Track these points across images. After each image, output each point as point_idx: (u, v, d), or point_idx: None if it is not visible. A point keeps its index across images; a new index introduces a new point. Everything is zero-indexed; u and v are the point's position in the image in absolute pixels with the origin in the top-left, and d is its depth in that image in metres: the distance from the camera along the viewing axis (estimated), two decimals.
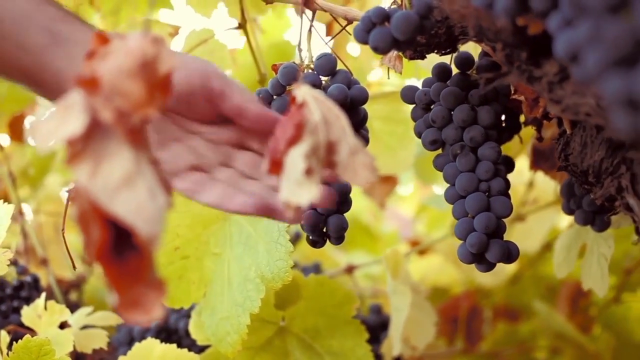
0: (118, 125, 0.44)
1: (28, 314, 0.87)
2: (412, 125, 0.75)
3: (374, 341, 1.06)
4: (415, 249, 1.50)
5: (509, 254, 0.67)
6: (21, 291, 0.98)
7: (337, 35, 0.83)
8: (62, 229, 0.82)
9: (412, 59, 0.69)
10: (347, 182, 0.67)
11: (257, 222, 0.78)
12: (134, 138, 0.44)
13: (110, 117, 0.43)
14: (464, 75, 0.72)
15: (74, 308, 0.99)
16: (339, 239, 0.70)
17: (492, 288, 1.46)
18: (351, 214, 0.92)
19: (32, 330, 0.85)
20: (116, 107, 0.44)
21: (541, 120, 0.72)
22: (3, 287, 0.97)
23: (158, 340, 0.82)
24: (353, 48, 1.19)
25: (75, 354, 0.90)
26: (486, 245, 0.66)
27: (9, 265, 0.84)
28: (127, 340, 1.02)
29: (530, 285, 1.47)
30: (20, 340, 0.76)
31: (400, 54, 0.71)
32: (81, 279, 1.29)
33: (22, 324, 0.87)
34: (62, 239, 0.84)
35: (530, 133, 0.82)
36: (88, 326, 0.90)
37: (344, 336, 0.86)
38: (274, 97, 0.71)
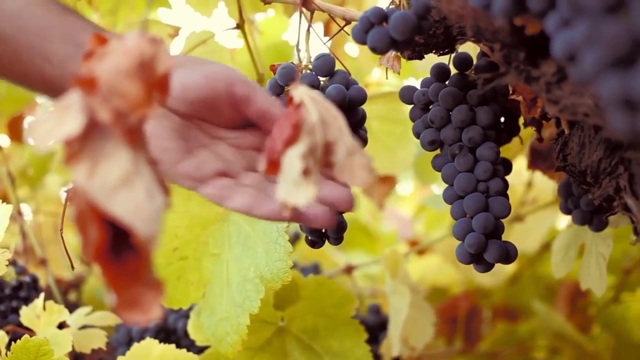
0: (116, 125, 0.44)
1: (27, 314, 0.87)
2: (411, 125, 0.75)
3: (373, 341, 1.05)
4: (414, 249, 1.50)
5: (507, 254, 0.67)
6: (20, 291, 0.98)
7: (335, 35, 0.83)
8: (61, 229, 0.82)
9: (410, 59, 0.69)
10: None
11: (255, 223, 0.78)
12: (132, 138, 0.44)
13: (108, 117, 0.43)
14: (462, 76, 0.72)
15: (72, 308, 0.99)
16: (338, 240, 0.70)
17: (491, 288, 1.46)
18: (350, 214, 0.92)
19: (31, 331, 0.85)
20: (114, 107, 0.44)
21: (540, 120, 0.72)
22: (2, 287, 0.97)
23: (157, 341, 0.82)
24: (351, 48, 1.19)
25: (74, 354, 0.90)
26: (484, 246, 0.66)
27: (8, 266, 0.84)
28: (126, 341, 1.02)
29: (529, 285, 1.47)
30: (18, 341, 0.76)
31: (398, 54, 0.71)
32: (80, 279, 1.30)
33: (20, 324, 0.87)
34: (61, 239, 0.84)
35: (529, 133, 0.82)
36: (87, 326, 0.90)
37: (343, 336, 0.86)
38: None
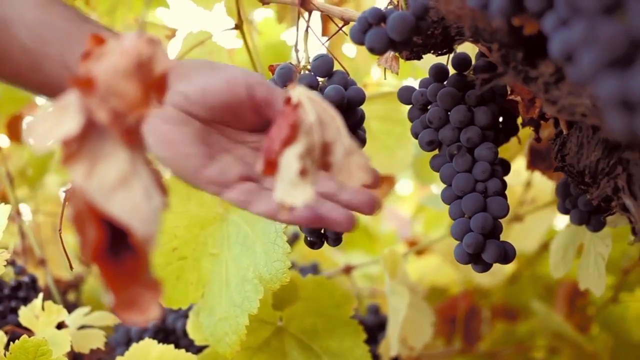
0: (113, 125, 0.44)
1: (25, 314, 0.86)
2: (410, 126, 0.75)
3: (372, 341, 1.05)
4: (413, 249, 1.50)
5: (506, 254, 0.67)
6: (19, 291, 0.98)
7: (334, 35, 0.83)
8: (60, 230, 0.82)
9: (408, 59, 0.69)
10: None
11: (254, 223, 0.78)
12: (130, 138, 0.44)
13: (105, 117, 0.43)
14: (460, 76, 0.71)
15: (71, 308, 0.99)
16: (337, 241, 0.70)
17: (490, 288, 1.46)
18: None
19: (30, 331, 0.85)
20: (112, 107, 0.44)
21: (538, 120, 0.72)
22: (1, 287, 0.97)
23: (155, 341, 0.82)
24: (349, 49, 1.19)
25: (73, 354, 0.90)
26: (482, 246, 0.66)
27: (7, 266, 0.84)
28: (125, 341, 1.02)
29: (528, 285, 1.47)
30: (17, 341, 0.76)
31: (396, 54, 0.71)
32: (79, 279, 1.29)
33: (19, 324, 0.87)
34: (60, 239, 0.84)
35: (528, 133, 0.82)
36: (85, 326, 0.90)
37: (342, 336, 0.86)
38: None
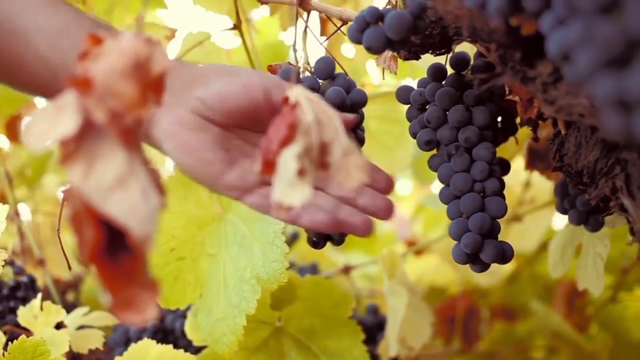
0: (111, 125, 0.44)
1: (24, 314, 0.87)
2: (409, 125, 0.75)
3: (371, 341, 1.05)
4: (412, 249, 1.50)
5: (504, 254, 0.67)
6: (18, 291, 0.98)
7: (332, 35, 0.83)
8: (58, 230, 0.82)
9: (406, 59, 0.69)
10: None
11: (252, 223, 0.78)
12: (127, 139, 0.44)
13: (103, 117, 0.43)
14: (459, 76, 0.71)
15: (71, 308, 0.99)
16: (341, 241, 0.70)
17: (489, 288, 1.46)
18: None
19: (28, 331, 0.85)
20: (109, 107, 0.44)
21: (536, 120, 0.72)
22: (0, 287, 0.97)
23: (154, 341, 0.81)
24: (348, 49, 1.19)
25: (71, 354, 0.90)
26: (480, 246, 0.66)
27: (6, 266, 0.84)
28: (124, 341, 1.02)
29: (527, 285, 1.47)
30: (15, 341, 0.76)
31: (395, 54, 0.71)
32: (78, 279, 1.29)
33: (18, 324, 0.87)
34: (58, 239, 0.84)
35: (526, 133, 0.82)
36: (84, 326, 0.90)
37: (340, 337, 0.86)
38: None
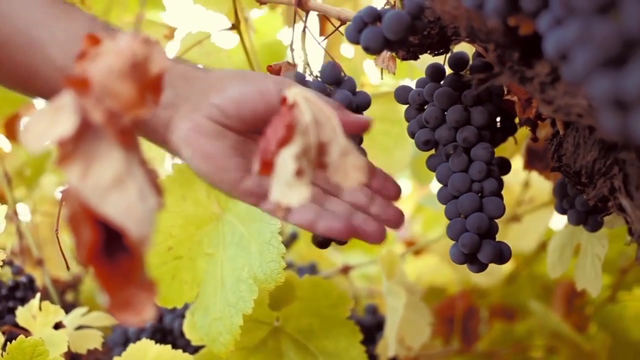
0: (109, 126, 0.44)
1: (23, 315, 0.87)
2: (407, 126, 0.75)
3: (370, 341, 1.05)
4: (411, 249, 1.50)
5: (501, 254, 0.67)
6: (16, 292, 0.97)
7: (331, 35, 0.83)
8: (56, 230, 0.82)
9: (405, 59, 0.69)
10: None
11: (249, 223, 0.78)
12: (125, 139, 0.44)
13: (100, 118, 0.43)
14: (457, 76, 0.71)
15: (70, 308, 0.99)
16: (345, 241, 0.70)
17: (488, 288, 1.46)
18: None
19: (27, 331, 0.85)
20: (107, 108, 0.44)
21: (535, 120, 0.72)
22: None
23: (153, 342, 0.82)
24: (347, 49, 1.19)
25: (70, 354, 0.90)
26: (478, 246, 0.66)
27: (4, 266, 0.84)
28: (122, 341, 1.02)
29: (526, 284, 1.47)
30: (14, 341, 0.76)
31: (393, 54, 0.71)
32: (77, 279, 1.29)
33: (17, 325, 0.87)
34: (57, 239, 0.84)
35: (525, 133, 0.82)
36: (83, 327, 0.90)
37: (338, 337, 0.86)
38: None
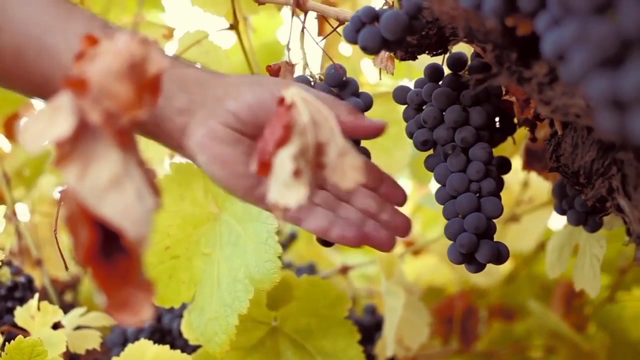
0: (106, 126, 0.44)
1: (21, 315, 0.87)
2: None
3: (369, 341, 1.05)
4: (410, 249, 1.50)
5: (499, 254, 0.67)
6: (15, 292, 0.97)
7: (329, 35, 0.83)
8: (55, 230, 0.82)
9: (403, 59, 0.69)
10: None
11: (246, 223, 0.78)
12: (122, 140, 0.44)
13: (98, 118, 0.43)
14: (455, 76, 0.71)
15: (69, 309, 0.99)
16: None
17: (487, 288, 1.46)
18: None
19: (26, 331, 0.85)
20: (104, 108, 0.44)
21: (533, 121, 0.72)
22: None
23: (151, 342, 0.82)
24: (346, 48, 1.19)
25: (69, 354, 0.90)
26: (476, 246, 0.66)
27: (3, 266, 0.84)
28: (121, 341, 1.02)
29: (525, 284, 1.47)
30: (12, 341, 0.76)
31: (392, 54, 0.71)
32: (76, 279, 1.29)
33: (15, 325, 0.87)
34: (55, 239, 0.84)
35: (524, 134, 0.82)
36: (81, 327, 0.90)
37: (336, 337, 0.86)
38: None
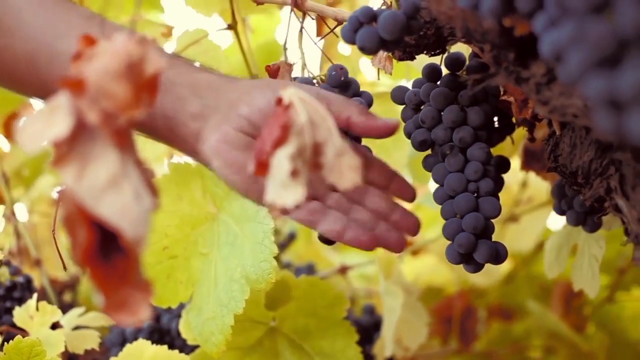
0: (104, 127, 0.44)
1: (20, 315, 0.86)
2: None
3: (367, 341, 1.05)
4: (409, 249, 1.50)
5: (497, 254, 0.67)
6: (14, 292, 0.97)
7: (328, 35, 0.83)
8: (53, 230, 0.82)
9: (401, 59, 0.69)
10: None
11: (244, 223, 0.78)
12: (120, 140, 0.44)
13: (96, 118, 0.43)
14: (454, 76, 0.71)
15: (67, 309, 0.99)
16: None
17: (486, 288, 1.46)
18: None
19: (24, 331, 0.85)
20: (102, 108, 0.44)
21: (531, 121, 0.72)
22: None
23: (149, 342, 0.82)
24: (345, 48, 1.19)
25: (67, 354, 0.90)
26: (474, 246, 0.66)
27: (2, 266, 0.84)
28: (120, 341, 1.02)
29: (524, 284, 1.47)
30: (11, 341, 0.76)
31: (390, 55, 0.71)
32: (75, 279, 1.29)
33: (14, 325, 0.87)
34: (54, 239, 0.84)
35: (522, 134, 0.82)
36: (80, 327, 0.90)
37: (335, 337, 0.86)
38: None
